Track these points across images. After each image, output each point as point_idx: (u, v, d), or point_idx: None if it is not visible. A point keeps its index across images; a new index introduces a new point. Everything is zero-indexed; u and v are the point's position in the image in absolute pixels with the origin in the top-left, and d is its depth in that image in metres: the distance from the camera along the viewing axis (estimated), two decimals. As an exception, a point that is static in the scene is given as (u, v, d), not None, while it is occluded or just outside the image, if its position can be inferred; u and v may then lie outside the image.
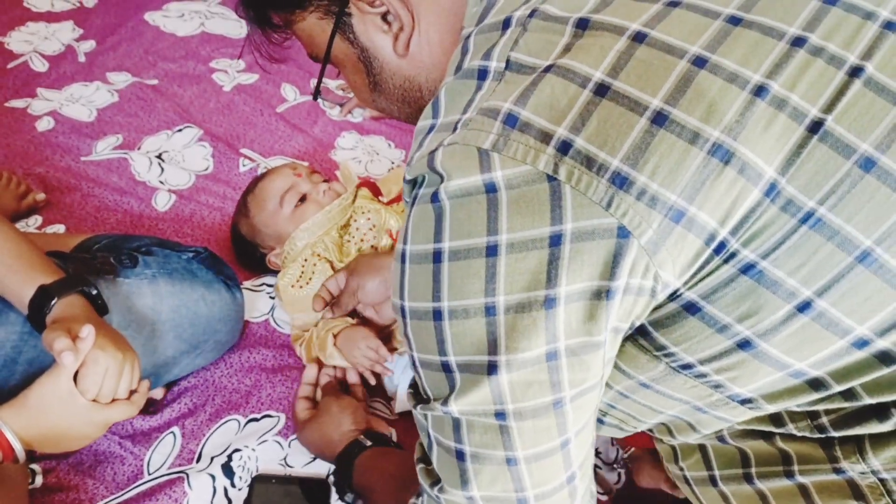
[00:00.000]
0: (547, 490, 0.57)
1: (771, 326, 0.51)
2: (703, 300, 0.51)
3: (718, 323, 0.52)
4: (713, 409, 0.59)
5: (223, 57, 1.73)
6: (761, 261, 0.49)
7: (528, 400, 0.53)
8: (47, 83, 1.52)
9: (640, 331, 0.55)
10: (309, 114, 1.62)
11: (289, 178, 1.18)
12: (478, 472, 0.56)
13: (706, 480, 0.69)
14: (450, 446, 0.57)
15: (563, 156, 0.48)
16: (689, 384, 0.57)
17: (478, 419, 0.54)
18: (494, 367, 0.51)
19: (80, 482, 0.92)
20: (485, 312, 0.51)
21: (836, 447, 0.58)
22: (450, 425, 0.56)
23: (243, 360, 1.09)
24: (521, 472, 0.56)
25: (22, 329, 0.85)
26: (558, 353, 0.51)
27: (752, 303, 0.50)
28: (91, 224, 1.24)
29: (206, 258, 1.06)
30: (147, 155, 1.40)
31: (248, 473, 0.96)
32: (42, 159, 1.34)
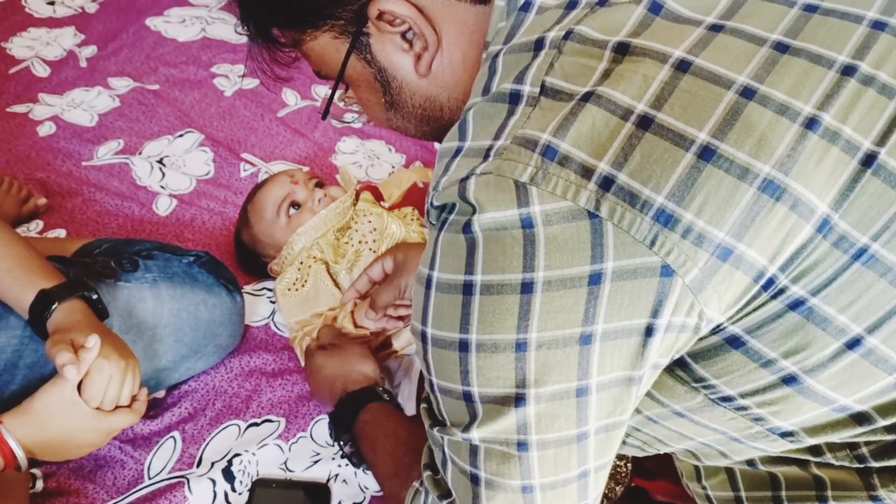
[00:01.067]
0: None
1: (819, 363, 0.50)
2: (747, 334, 0.50)
3: (763, 358, 0.51)
4: (751, 441, 0.57)
5: (224, 62, 1.73)
6: (811, 297, 0.48)
7: (553, 432, 0.51)
8: (49, 88, 1.53)
9: (678, 362, 0.54)
10: (310, 118, 1.62)
11: (285, 186, 1.18)
12: (491, 497, 0.55)
13: (731, 501, 0.67)
14: (465, 469, 0.56)
15: (606, 192, 0.46)
16: (728, 416, 0.55)
17: (497, 447, 0.53)
18: (522, 400, 0.50)
19: (80, 487, 0.92)
20: (515, 348, 0.49)
21: (874, 475, 0.57)
22: (467, 450, 0.55)
23: (244, 364, 1.09)
24: (535, 500, 0.54)
25: (22, 334, 0.85)
26: (589, 390, 0.50)
27: (800, 339, 0.49)
28: (92, 229, 1.25)
29: (206, 262, 1.06)
30: (148, 160, 1.40)
31: (249, 478, 0.96)
32: (43, 164, 1.35)
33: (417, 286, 0.55)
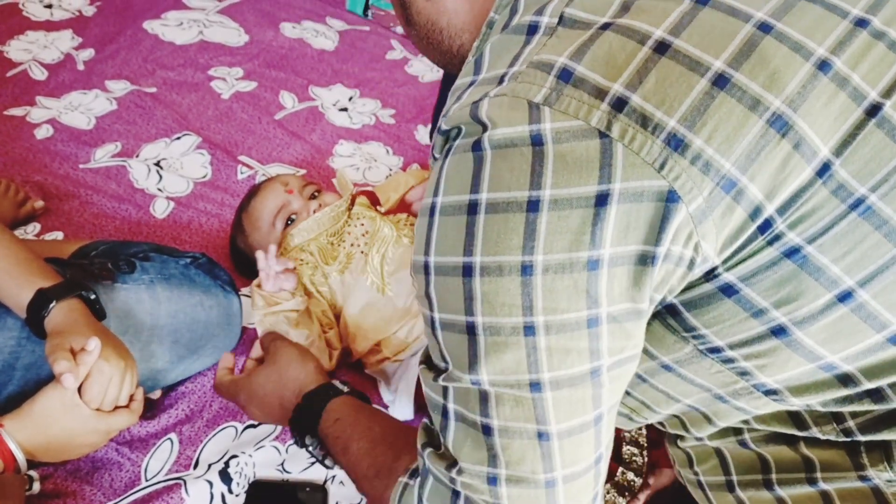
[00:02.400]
0: (577, 471, 0.54)
1: (809, 314, 0.49)
2: (741, 282, 0.49)
3: (755, 307, 0.50)
4: (735, 399, 0.57)
5: (222, 65, 1.74)
6: (806, 245, 0.48)
7: (566, 368, 0.50)
8: (46, 91, 1.53)
9: (670, 310, 0.53)
10: (307, 121, 1.63)
11: (280, 196, 1.18)
12: (506, 447, 0.52)
13: (722, 486, 0.66)
14: (475, 421, 0.53)
15: (618, 112, 0.46)
16: (715, 369, 0.55)
17: (509, 391, 0.51)
18: (531, 329, 0.49)
19: (77, 488, 0.92)
20: (521, 271, 0.48)
21: (862, 454, 0.57)
22: (476, 398, 0.52)
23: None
24: (553, 449, 0.52)
25: (20, 334, 0.85)
26: (600, 320, 0.48)
27: (793, 288, 0.49)
28: (89, 231, 1.25)
29: (203, 264, 1.06)
30: (145, 162, 1.41)
31: (246, 479, 0.95)
32: (41, 167, 1.35)
33: (420, 219, 0.54)
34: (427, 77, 1.90)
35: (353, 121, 1.67)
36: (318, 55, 1.88)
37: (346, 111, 1.70)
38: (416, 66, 1.93)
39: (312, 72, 1.81)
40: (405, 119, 1.72)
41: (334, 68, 1.84)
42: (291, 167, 1.48)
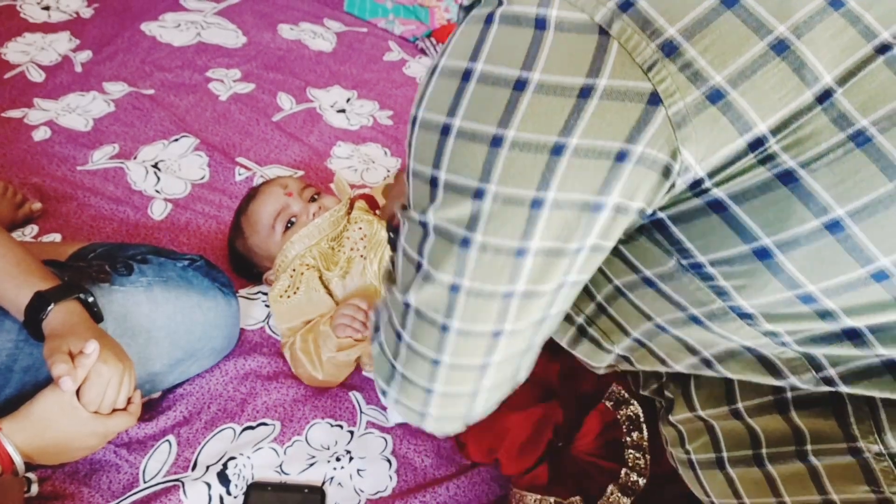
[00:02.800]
0: (472, 330, 0.58)
1: (793, 238, 0.50)
2: (731, 200, 0.50)
3: (741, 225, 0.51)
4: (709, 320, 0.57)
5: (219, 66, 1.74)
6: (800, 169, 0.48)
7: (498, 237, 0.53)
8: (44, 93, 1.53)
9: (657, 225, 0.55)
10: (305, 123, 1.63)
11: (279, 199, 1.18)
12: (419, 288, 0.59)
13: (713, 463, 0.67)
14: (413, 256, 0.59)
15: (622, 13, 0.48)
16: (694, 286, 0.56)
17: (443, 238, 0.55)
18: (481, 194, 0.52)
19: (75, 490, 0.92)
20: (490, 142, 0.51)
21: (852, 424, 0.57)
22: (420, 234, 0.58)
23: (238, 367, 1.09)
24: (458, 302, 0.57)
25: (17, 337, 0.85)
26: (544, 203, 0.51)
27: (781, 210, 0.49)
28: (87, 233, 1.25)
29: (201, 266, 1.06)
30: (143, 164, 1.41)
31: (244, 481, 0.96)
32: (38, 169, 1.35)
33: (424, 74, 0.57)
34: (425, 78, 1.90)
35: (350, 122, 1.67)
36: (316, 57, 1.88)
37: (343, 113, 1.70)
38: (413, 68, 1.94)
39: (310, 73, 1.81)
40: (403, 120, 1.72)
41: (332, 70, 1.85)
42: (289, 169, 1.49)
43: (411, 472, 1.03)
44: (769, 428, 0.63)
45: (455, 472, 1.04)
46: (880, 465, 0.57)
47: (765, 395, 0.63)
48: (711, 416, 0.67)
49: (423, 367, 0.64)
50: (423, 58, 2.00)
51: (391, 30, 2.10)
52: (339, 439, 1.04)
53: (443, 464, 1.05)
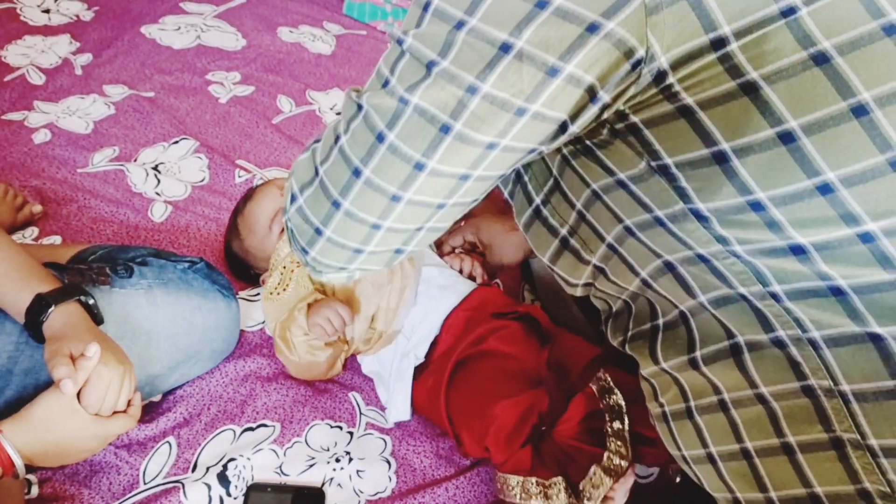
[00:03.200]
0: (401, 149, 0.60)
1: (748, 145, 0.53)
2: (697, 106, 0.54)
3: (705, 130, 0.54)
4: (671, 222, 0.60)
5: (219, 69, 1.74)
6: (761, 81, 0.51)
7: (461, 68, 0.55)
8: (44, 96, 1.53)
9: (632, 129, 0.58)
10: (304, 125, 1.63)
11: (276, 200, 1.18)
12: (376, 94, 0.61)
13: (683, 413, 0.70)
14: (383, 71, 0.61)
15: None
16: (660, 187, 0.59)
17: (414, 61, 0.58)
18: (461, 25, 0.55)
19: (76, 492, 0.92)
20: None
21: (801, 363, 0.59)
22: (395, 51, 0.61)
23: (238, 368, 1.10)
24: (401, 118, 0.59)
25: (18, 339, 0.85)
26: (511, 49, 0.53)
27: (740, 118, 0.53)
28: (87, 235, 1.25)
29: (201, 268, 1.06)
30: (143, 166, 1.41)
31: (244, 482, 0.96)
32: (39, 171, 1.35)
33: None
34: (424, 81, 1.91)
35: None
36: (316, 59, 1.89)
37: (343, 115, 1.70)
38: (413, 70, 1.94)
39: (310, 76, 1.81)
40: (402, 123, 1.72)
41: (331, 72, 1.85)
42: (289, 171, 1.49)
43: (410, 473, 1.03)
44: (726, 379, 0.65)
45: (454, 473, 1.04)
46: (831, 403, 0.59)
47: (720, 342, 0.65)
48: (672, 367, 0.70)
49: (343, 173, 0.64)
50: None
51: (390, 32, 2.10)
52: (338, 440, 1.05)
53: (442, 465, 1.05)
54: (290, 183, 0.72)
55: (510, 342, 1.06)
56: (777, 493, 0.63)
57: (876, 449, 0.58)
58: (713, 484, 0.69)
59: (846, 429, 0.58)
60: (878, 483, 0.58)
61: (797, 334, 0.59)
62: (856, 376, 0.57)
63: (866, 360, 0.57)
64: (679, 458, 0.73)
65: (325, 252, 0.71)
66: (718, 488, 0.69)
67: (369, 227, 0.66)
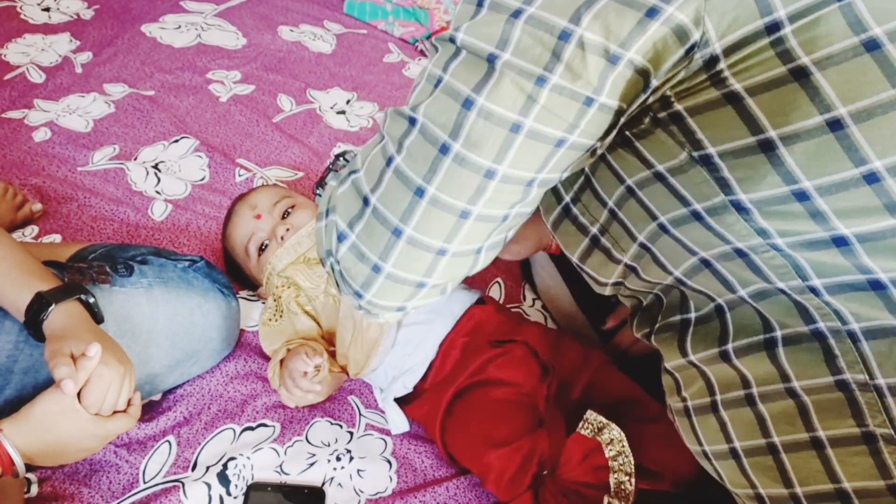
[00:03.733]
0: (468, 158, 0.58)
1: (796, 132, 0.52)
2: (745, 92, 0.53)
3: (751, 117, 0.53)
4: (709, 215, 0.59)
5: (220, 68, 1.74)
6: (812, 66, 0.51)
7: (524, 60, 0.54)
8: (44, 94, 1.53)
9: (675, 117, 0.57)
10: (305, 124, 1.63)
11: (248, 224, 1.16)
12: (437, 99, 0.59)
13: (707, 407, 0.68)
14: (435, 72, 0.60)
15: None
16: (701, 178, 0.58)
17: (471, 56, 0.57)
18: (519, 13, 0.54)
19: (75, 491, 0.92)
20: None
21: (838, 357, 0.58)
22: (450, 52, 0.59)
23: (238, 368, 1.10)
24: (466, 122, 0.57)
25: (17, 338, 0.85)
26: (571, 38, 0.52)
27: (789, 104, 0.52)
28: (87, 234, 1.25)
29: (201, 267, 1.06)
30: (143, 165, 1.41)
31: (244, 482, 0.96)
32: (38, 170, 1.35)
33: None
34: (424, 80, 1.91)
35: (350, 124, 1.67)
36: (316, 58, 1.88)
37: (343, 114, 1.70)
38: (413, 70, 1.94)
39: (310, 75, 1.81)
40: (403, 122, 1.72)
41: (332, 71, 1.85)
42: (290, 170, 1.49)
43: (411, 473, 1.03)
44: (757, 371, 0.64)
45: (455, 474, 1.04)
46: (865, 397, 0.58)
47: (755, 335, 0.64)
48: (701, 360, 0.68)
49: (404, 195, 0.61)
50: (422, 59, 2.00)
51: (391, 32, 2.10)
52: (339, 437, 1.04)
53: (443, 465, 1.05)
54: (333, 220, 0.68)
55: (510, 368, 1.02)
56: (803, 488, 0.62)
57: None
58: (735, 479, 0.68)
59: (879, 423, 0.58)
60: None
61: (837, 326, 0.59)
62: (892, 370, 0.57)
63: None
64: (699, 453, 0.72)
65: (384, 292, 0.66)
66: (740, 484, 0.67)
67: (434, 253, 0.63)
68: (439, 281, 0.66)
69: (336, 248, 0.66)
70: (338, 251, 0.66)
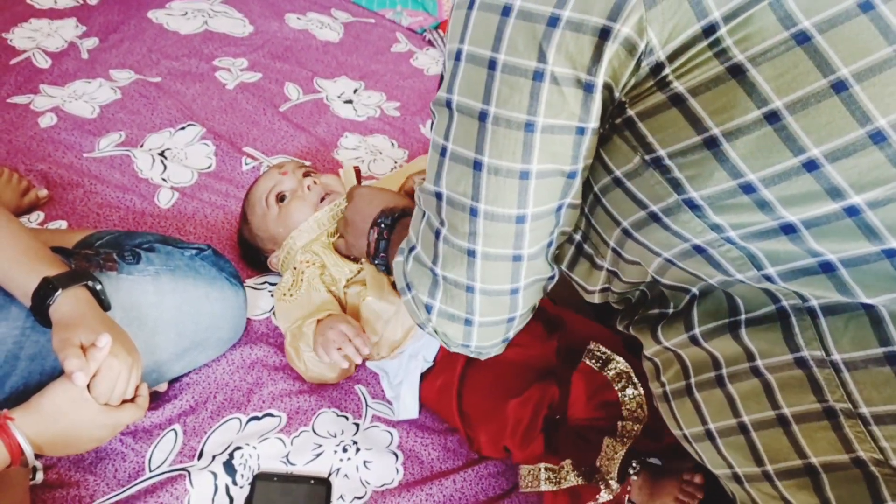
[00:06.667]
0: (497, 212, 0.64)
1: (737, 128, 0.54)
2: (688, 93, 0.56)
3: (695, 117, 0.56)
4: (666, 216, 0.61)
5: (226, 55, 1.73)
6: (747, 63, 0.53)
7: (507, 108, 0.59)
8: (50, 80, 1.52)
9: (628, 123, 0.60)
10: (312, 113, 1.62)
11: (273, 178, 1.19)
12: (450, 168, 0.65)
13: (683, 391, 0.71)
14: (438, 142, 0.66)
15: None
16: (654, 180, 0.60)
17: (464, 116, 0.62)
18: (494, 63, 0.59)
19: (80, 479, 0.91)
20: (501, 11, 0.58)
21: (797, 335, 0.61)
22: (445, 119, 0.64)
23: (245, 356, 1.09)
24: (481, 182, 0.63)
25: (24, 324, 0.84)
26: (544, 76, 0.57)
27: (729, 101, 0.54)
28: (93, 221, 1.24)
29: (208, 255, 1.05)
30: (150, 152, 1.40)
31: (250, 471, 0.95)
32: (44, 156, 1.34)
33: (457, 12, 0.63)
34: (432, 70, 1.89)
35: (357, 113, 1.66)
36: (323, 47, 1.87)
37: (350, 103, 1.69)
38: (421, 60, 1.93)
39: (317, 63, 1.80)
40: (410, 112, 1.71)
41: (339, 60, 1.84)
42: (296, 159, 1.48)
43: (418, 466, 1.02)
44: (725, 351, 0.66)
45: (462, 466, 1.03)
46: (823, 374, 0.60)
47: (719, 319, 0.66)
48: (675, 345, 0.71)
49: (461, 260, 0.69)
50: (430, 49, 1.99)
51: (399, 21, 2.08)
52: (345, 429, 1.04)
53: (449, 457, 1.04)
54: (417, 296, 0.75)
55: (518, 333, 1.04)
56: (773, 465, 0.64)
57: (867, 417, 0.58)
58: (713, 461, 0.70)
59: (838, 398, 0.59)
60: (871, 451, 0.59)
61: (798, 304, 0.61)
62: (846, 345, 0.59)
63: (857, 328, 0.58)
64: (681, 437, 0.73)
65: (483, 337, 0.75)
66: (719, 465, 0.69)
67: (508, 294, 0.71)
68: (524, 310, 0.74)
69: (427, 317, 0.75)
70: (431, 320, 0.75)
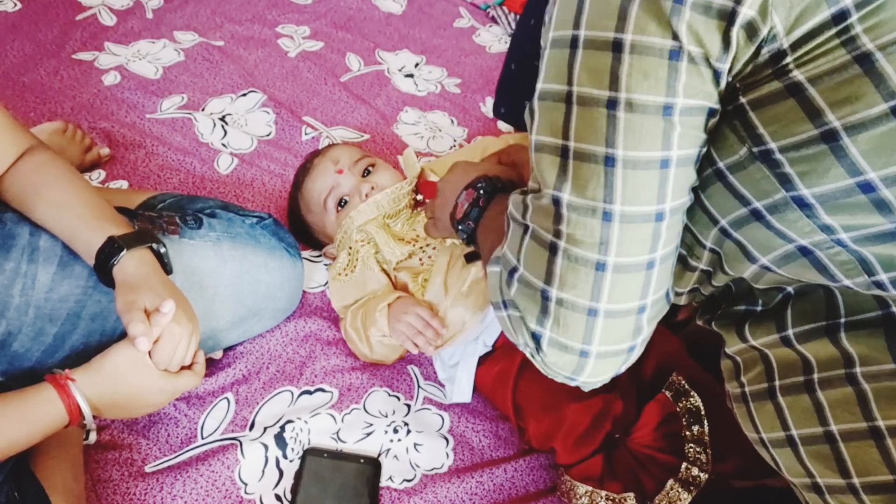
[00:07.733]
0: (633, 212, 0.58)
1: (860, 122, 0.51)
2: (809, 83, 0.52)
3: (814, 108, 0.52)
4: (770, 214, 0.57)
5: (289, 22, 1.71)
6: (877, 52, 0.50)
7: (641, 92, 0.54)
8: (115, 38, 1.52)
9: (737, 111, 0.56)
10: (372, 86, 1.59)
11: (329, 177, 1.14)
12: (576, 170, 0.58)
13: (764, 393, 0.67)
14: (555, 143, 0.60)
15: None
16: (761, 174, 0.56)
17: (586, 107, 0.57)
18: (619, 44, 0.54)
19: (133, 441, 0.91)
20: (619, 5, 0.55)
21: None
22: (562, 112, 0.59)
23: (299, 329, 1.08)
24: (616, 179, 0.57)
25: (86, 283, 0.83)
26: (681, 54, 0.53)
27: (853, 93, 0.50)
28: (153, 182, 1.23)
29: (269, 224, 1.04)
30: (211, 117, 1.39)
31: (301, 446, 0.94)
32: (107, 114, 1.33)
33: None
34: (494, 48, 1.85)
35: (418, 88, 1.63)
36: (386, 18, 1.84)
37: (411, 77, 1.66)
38: (483, 36, 1.88)
39: (379, 35, 1.77)
40: (471, 89, 1.67)
41: (401, 33, 1.80)
42: (356, 131, 1.45)
43: (468, 452, 1.00)
44: (819, 354, 0.63)
45: (513, 455, 1.01)
46: None
47: (817, 321, 0.63)
48: (763, 344, 0.67)
49: (586, 277, 0.60)
50: (493, 26, 1.94)
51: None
52: (396, 409, 1.02)
53: (500, 445, 1.02)
54: (517, 317, 0.66)
55: None
56: (861, 478, 0.61)
57: None
58: (791, 468, 0.67)
59: None
60: None
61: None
62: None
63: None
64: (756, 440, 0.70)
65: (597, 370, 0.65)
66: (797, 473, 0.66)
67: (635, 314, 0.62)
68: (648, 333, 0.65)
69: (535, 346, 0.66)
70: (539, 350, 0.66)
